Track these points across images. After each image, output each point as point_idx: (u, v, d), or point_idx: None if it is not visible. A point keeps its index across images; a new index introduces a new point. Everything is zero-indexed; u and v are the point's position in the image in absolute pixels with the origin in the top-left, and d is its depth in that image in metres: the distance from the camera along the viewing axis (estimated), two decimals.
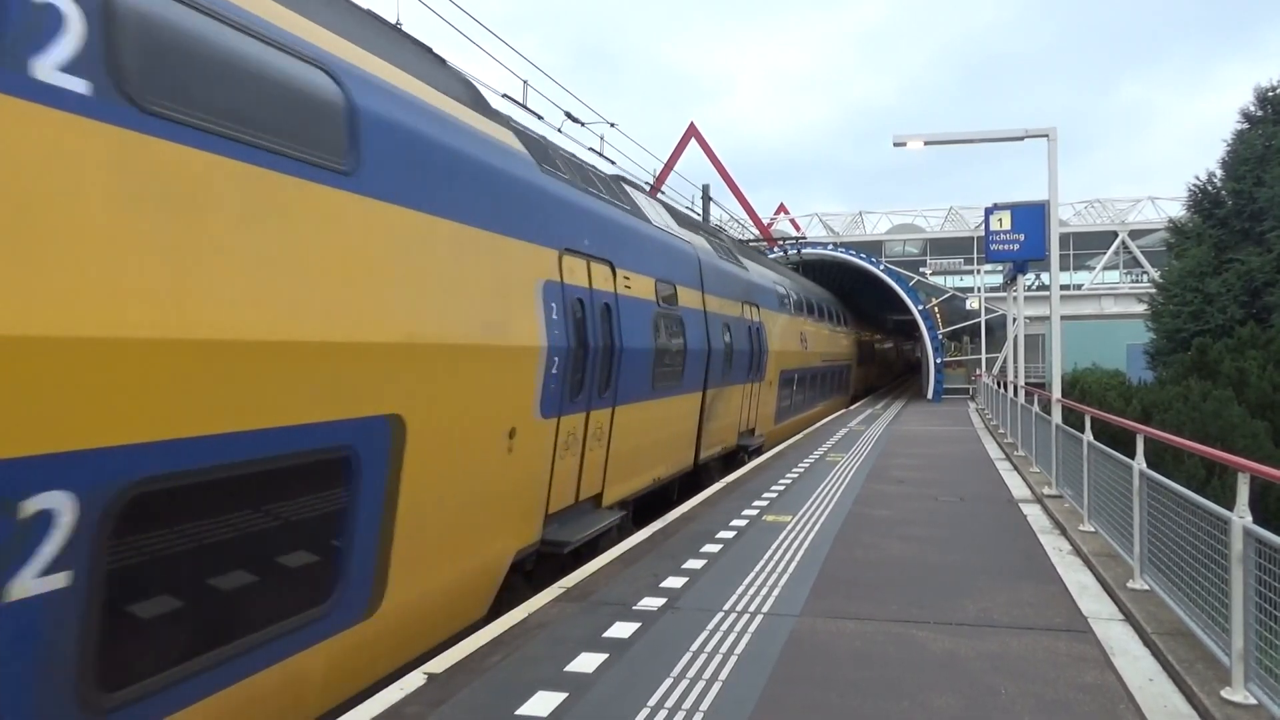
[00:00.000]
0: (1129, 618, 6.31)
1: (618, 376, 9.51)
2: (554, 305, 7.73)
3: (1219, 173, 24.47)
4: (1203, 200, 24.74)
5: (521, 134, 8.39)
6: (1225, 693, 4.71)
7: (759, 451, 17.50)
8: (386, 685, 5.24)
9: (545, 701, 4.90)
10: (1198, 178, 25.00)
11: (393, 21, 6.90)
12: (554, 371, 7.70)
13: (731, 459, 16.09)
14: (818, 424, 23.89)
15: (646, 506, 11.62)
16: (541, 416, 7.61)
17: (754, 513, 10.46)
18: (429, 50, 7.32)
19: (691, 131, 38.99)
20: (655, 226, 11.90)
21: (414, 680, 5.24)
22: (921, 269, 47.49)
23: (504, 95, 8.58)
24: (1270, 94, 23.76)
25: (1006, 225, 19.59)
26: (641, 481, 11.16)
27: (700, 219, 21.84)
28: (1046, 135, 14.05)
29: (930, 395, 35.16)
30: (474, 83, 8.03)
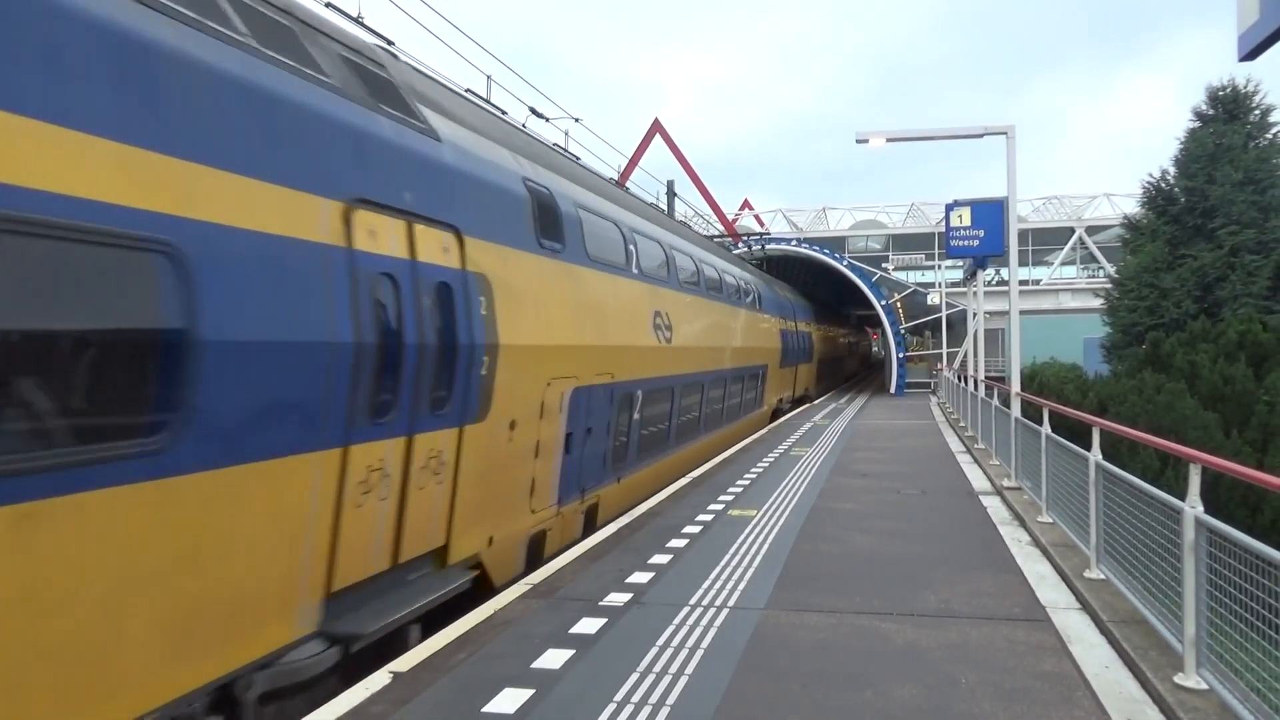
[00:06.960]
0: (1086, 607, 6.44)
1: (791, 354, 25.98)
2: (783, 334, 24.95)
3: (1172, 170, 24.98)
4: (1157, 197, 25.21)
5: (791, 291, 31.12)
6: (1178, 679, 4.83)
7: (811, 399, 32.01)
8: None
9: (512, 698, 4.89)
10: (1151, 175, 25.50)
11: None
12: (782, 352, 24.68)
13: (800, 402, 29.98)
14: (821, 399, 34.41)
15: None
16: (780, 368, 24.50)
17: (719, 507, 10.51)
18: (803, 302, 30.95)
19: (656, 128, 39.00)
20: (787, 297, 28.26)
21: (379, 679, 5.19)
22: (884, 264, 47.98)
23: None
24: (1221, 93, 24.28)
25: (967, 221, 19.88)
26: (791, 395, 27.49)
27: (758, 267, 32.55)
28: (1005, 133, 14.28)
29: (893, 389, 35.58)
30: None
